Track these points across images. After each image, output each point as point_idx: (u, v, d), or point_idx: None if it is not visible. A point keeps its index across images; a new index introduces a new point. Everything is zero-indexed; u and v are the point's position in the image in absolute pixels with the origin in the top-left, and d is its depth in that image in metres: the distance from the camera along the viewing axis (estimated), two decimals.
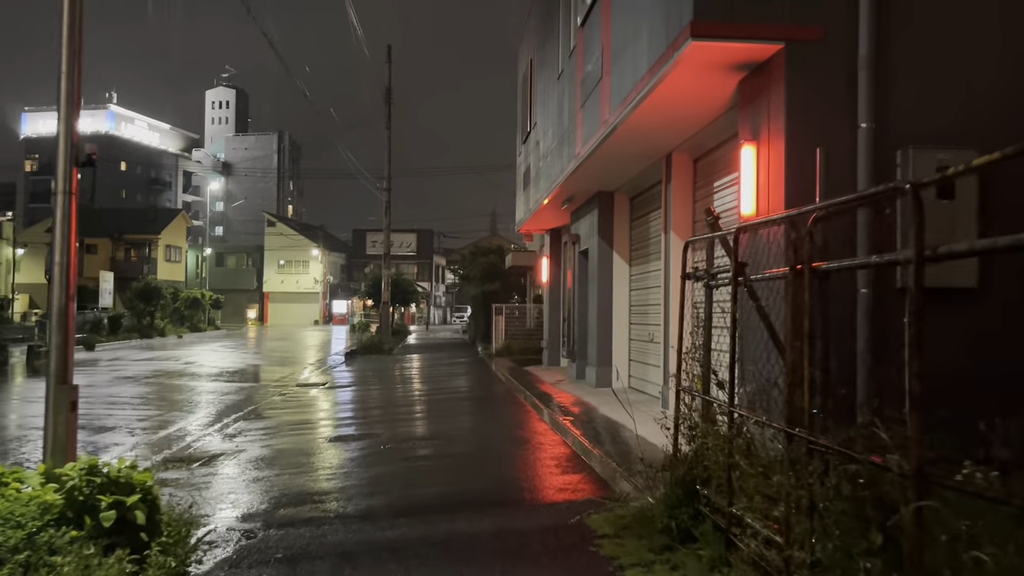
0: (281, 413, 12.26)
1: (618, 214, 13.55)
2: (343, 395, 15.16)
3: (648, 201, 12.54)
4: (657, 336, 11.60)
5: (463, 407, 13.20)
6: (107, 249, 54.03)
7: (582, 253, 15.29)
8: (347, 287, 69.55)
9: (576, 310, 15.43)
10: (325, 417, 12.02)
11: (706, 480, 4.81)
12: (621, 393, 12.16)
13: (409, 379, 18.79)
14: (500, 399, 13.83)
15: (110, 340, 32.34)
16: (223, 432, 10.36)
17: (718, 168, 9.42)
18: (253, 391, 15.70)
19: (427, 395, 15.12)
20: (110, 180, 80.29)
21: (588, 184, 13.05)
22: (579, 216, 15.33)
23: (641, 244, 12.97)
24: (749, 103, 6.94)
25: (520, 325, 26.20)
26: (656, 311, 11.80)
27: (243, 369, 21.38)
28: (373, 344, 28.51)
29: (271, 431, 10.48)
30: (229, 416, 11.81)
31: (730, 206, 8.88)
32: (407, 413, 12.40)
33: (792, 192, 6.09)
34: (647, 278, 12.50)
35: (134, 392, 15.35)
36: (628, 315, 13.50)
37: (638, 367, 12.94)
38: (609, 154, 10.45)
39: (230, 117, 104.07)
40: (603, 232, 13.54)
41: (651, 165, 11.10)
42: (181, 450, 9.18)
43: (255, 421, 11.37)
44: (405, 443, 9.28)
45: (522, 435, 9.65)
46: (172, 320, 42.37)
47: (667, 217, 10.41)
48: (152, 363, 23.21)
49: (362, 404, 13.85)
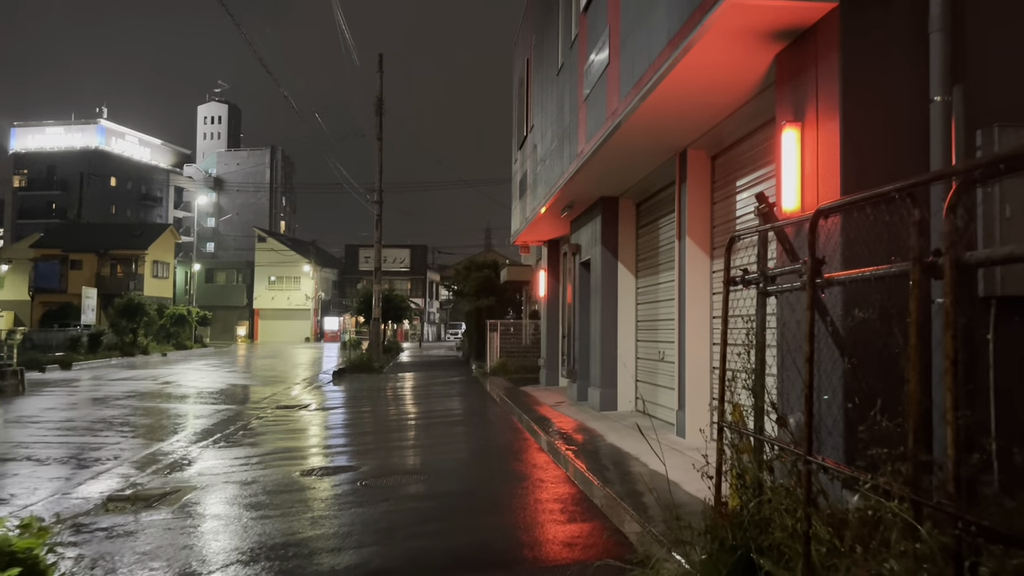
0: (255, 440, 11.07)
1: (623, 221, 12.45)
2: (325, 419, 13.96)
3: (657, 206, 11.44)
4: (670, 354, 10.46)
5: (454, 434, 12.02)
6: (92, 265, 52.80)
7: (583, 264, 14.17)
8: (339, 304, 68.26)
9: (577, 326, 14.30)
10: (302, 445, 10.83)
11: (766, 548, 3.66)
12: (625, 418, 10.99)
13: (398, 400, 17.59)
14: (495, 424, 12.66)
15: (88, 358, 31.03)
16: (185, 464, 9.18)
17: (740, 165, 8.33)
18: (230, 414, 14.50)
19: (416, 419, 13.93)
20: (100, 195, 79.16)
21: (590, 188, 11.96)
22: (580, 225, 14.23)
23: (649, 254, 11.86)
24: (791, 79, 5.84)
25: (516, 342, 25.04)
26: (668, 326, 10.67)
27: (223, 389, 20.15)
28: (362, 362, 27.32)
29: (240, 462, 9.29)
30: (197, 444, 10.63)
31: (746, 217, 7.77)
32: (393, 440, 11.22)
33: (850, 180, 4.98)
34: (656, 291, 11.38)
35: (98, 416, 14.13)
36: (635, 331, 12.37)
37: (647, 389, 11.80)
38: (616, 151, 9.36)
39: (222, 132, 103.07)
40: (607, 241, 12.43)
41: (662, 164, 10.01)
42: (130, 486, 8.00)
43: (224, 450, 10.18)
44: (388, 478, 8.10)
45: (520, 469, 8.47)
46: (157, 338, 41.06)
47: (682, 221, 9.30)
48: (127, 383, 21.96)
49: (345, 430, 12.66)
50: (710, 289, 9.02)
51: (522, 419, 12.22)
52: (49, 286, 51.65)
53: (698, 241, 9.05)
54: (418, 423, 13.24)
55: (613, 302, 12.37)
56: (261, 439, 11.16)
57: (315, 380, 23.65)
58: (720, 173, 8.91)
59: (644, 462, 7.89)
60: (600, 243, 12.49)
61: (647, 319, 11.93)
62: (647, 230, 12.02)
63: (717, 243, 8.92)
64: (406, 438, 11.47)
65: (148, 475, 8.52)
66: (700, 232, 9.06)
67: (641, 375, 12.14)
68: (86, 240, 54.14)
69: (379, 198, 32.64)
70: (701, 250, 9.05)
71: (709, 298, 9.01)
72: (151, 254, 55.11)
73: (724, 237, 8.64)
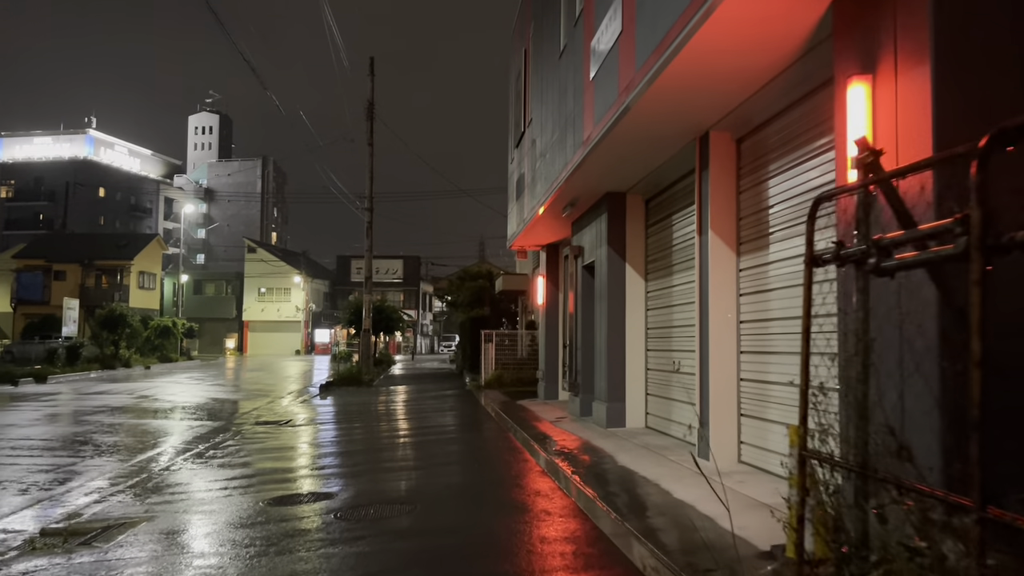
0: (228, 461, 9.92)
1: (631, 219, 11.38)
2: (308, 436, 12.81)
3: (670, 201, 10.37)
4: (687, 364, 9.37)
5: (447, 454, 10.88)
6: (76, 275, 51.48)
7: (586, 268, 13.09)
8: (330, 315, 66.98)
9: (580, 335, 13.19)
10: (278, 467, 9.67)
11: None
12: (636, 436, 9.84)
13: (388, 415, 16.43)
14: (492, 443, 11.52)
15: (66, 372, 29.78)
16: (141, 489, 8.04)
17: (773, 147, 7.27)
18: (205, 431, 13.35)
19: (406, 436, 12.78)
20: (88, 206, 77.85)
21: (596, 182, 10.89)
22: (582, 225, 13.16)
23: (661, 254, 10.78)
24: (855, 24, 4.78)
25: (511, 354, 23.90)
26: (684, 334, 9.58)
27: (203, 404, 18.97)
28: (352, 375, 26.14)
29: (204, 487, 8.15)
30: (161, 466, 9.49)
31: (800, 191, 6.71)
32: (380, 461, 10.07)
33: (946, 136, 3.91)
34: (670, 294, 10.30)
35: (60, 433, 12.96)
36: (644, 340, 11.27)
37: (659, 403, 10.69)
38: (628, 135, 8.29)
39: (213, 143, 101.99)
40: (613, 241, 11.35)
41: (679, 151, 8.95)
42: (70, 516, 6.88)
43: (190, 472, 9.03)
44: (370, 508, 6.97)
45: (521, 499, 7.33)
46: (142, 350, 39.80)
47: (703, 214, 8.22)
48: (101, 397, 20.75)
49: (328, 448, 11.50)
50: (736, 289, 7.94)
51: (521, 437, 11.09)
52: (32, 297, 50.31)
53: (723, 235, 7.97)
54: (408, 441, 12.10)
55: (620, 308, 11.28)
56: (234, 460, 10.01)
57: (303, 393, 22.49)
58: (748, 158, 7.85)
59: (666, 489, 6.78)
60: (606, 243, 11.40)
61: (659, 326, 10.84)
62: (658, 228, 10.95)
63: (745, 237, 7.84)
64: (394, 458, 10.32)
65: (96, 504, 7.38)
66: (725, 225, 7.98)
67: (652, 388, 11.03)
68: (71, 250, 52.81)
69: (370, 205, 31.56)
70: (726, 245, 7.97)
71: (736, 299, 7.93)
72: (137, 265, 53.81)
73: (753, 230, 7.58)
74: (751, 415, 7.65)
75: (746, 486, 6.68)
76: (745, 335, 7.80)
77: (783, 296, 6.95)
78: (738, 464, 7.76)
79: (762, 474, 7.22)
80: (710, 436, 7.85)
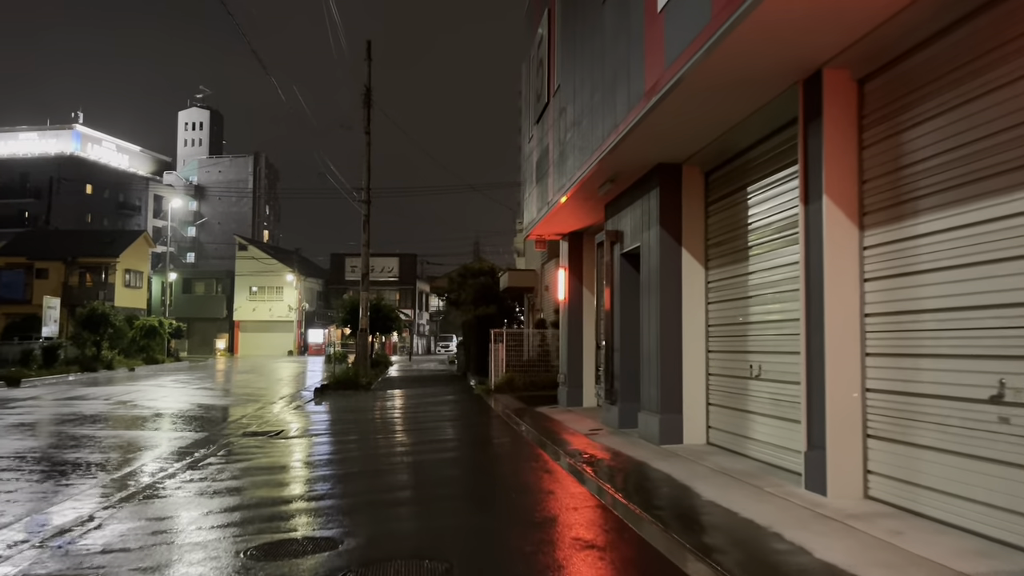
0: (202, 486, 8.06)
1: (688, 196, 9.56)
2: (301, 452, 10.96)
3: (742, 171, 8.57)
4: (770, 368, 7.56)
5: (472, 480, 9.04)
6: (59, 273, 49.41)
7: (626, 256, 11.27)
8: (324, 315, 64.98)
9: (618, 334, 11.37)
10: (265, 499, 7.78)
11: None
12: (703, 456, 7.93)
13: (390, 426, 14.57)
14: (523, 463, 9.68)
15: (42, 374, 27.82)
16: (82, 529, 6.20)
17: (924, 83, 5.47)
18: (184, 444, 11.51)
19: (415, 453, 10.94)
20: (74, 203, 75.70)
21: (646, 150, 9.08)
22: (621, 207, 11.33)
23: (727, 236, 8.98)
24: None
25: (517, 355, 22.03)
26: (767, 331, 7.77)
27: (185, 411, 17.09)
28: (348, 378, 24.28)
29: (163, 528, 6.30)
30: (119, 493, 7.65)
31: (981, 133, 4.91)
32: (388, 491, 8.23)
33: None
34: (742, 283, 8.49)
35: (13, 448, 11.10)
36: (704, 339, 9.45)
37: (726, 416, 8.87)
38: (713, 76, 6.47)
39: (204, 139, 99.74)
40: (667, 222, 9.53)
41: (765, 106, 7.15)
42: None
43: (158, 505, 7.18)
44: (387, 568, 5.15)
45: (600, 562, 5.46)
46: (128, 351, 37.80)
47: (811, 178, 6.41)
48: (75, 403, 18.85)
49: (324, 470, 9.64)
50: (859, 273, 6.13)
51: (556, 456, 9.27)
52: (13, 296, 48.19)
53: (841, 203, 6.16)
54: (421, 460, 10.25)
55: (675, 301, 9.46)
56: (214, 485, 8.15)
57: (296, 398, 20.62)
58: (876, 102, 6.04)
59: (797, 544, 4.95)
60: (657, 225, 9.58)
61: (724, 322, 9.03)
62: (722, 205, 9.14)
63: (873, 205, 6.03)
64: (407, 485, 8.47)
65: (15, 553, 5.53)
66: (843, 191, 6.17)
67: (716, 397, 9.21)
68: (54, 248, 50.73)
69: (367, 197, 29.71)
70: (846, 217, 6.16)
71: (859, 286, 6.12)
72: (123, 262, 51.69)
73: (886, 195, 5.78)
74: (885, 436, 5.84)
75: (907, 539, 4.87)
76: (874, 332, 5.99)
77: (950, 279, 5.15)
78: (866, 500, 5.95)
79: (912, 517, 5.41)
80: (827, 463, 6.03)
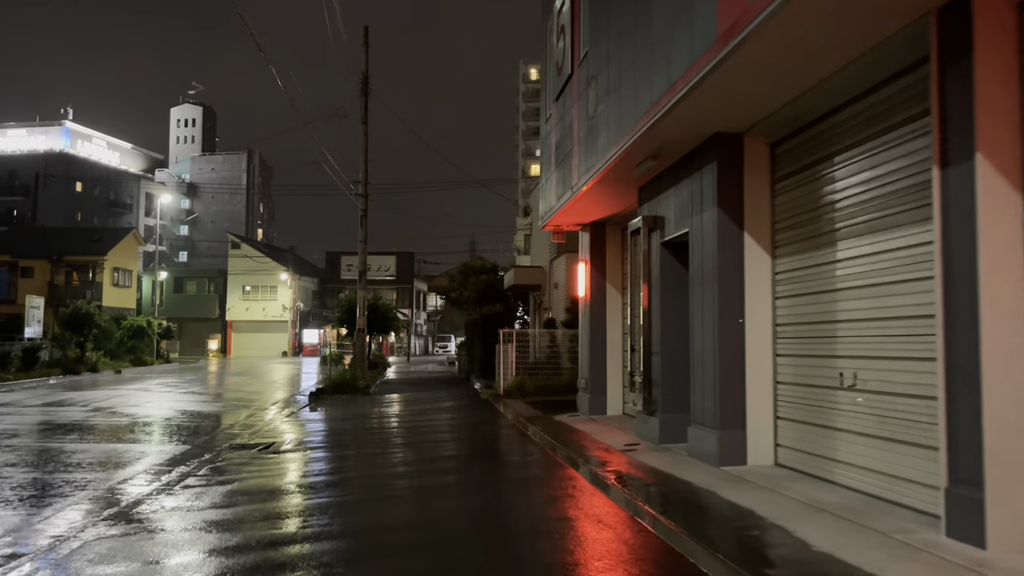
0: (175, 520, 6.59)
1: (751, 171, 8.10)
2: (294, 472, 9.48)
3: (825, 139, 7.11)
4: (869, 378, 6.10)
5: (495, 517, 7.58)
6: (45, 272, 47.80)
7: (667, 245, 9.81)
8: (319, 315, 63.39)
9: (658, 335, 9.91)
10: (250, 542, 6.29)
11: None
12: (781, 483, 6.35)
13: (394, 437, 13.08)
14: (553, 488, 8.21)
15: (20, 377, 26.23)
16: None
17: None
18: (161, 461, 10.04)
19: (428, 473, 9.46)
20: (64, 201, 73.94)
21: (706, 115, 7.62)
22: (663, 187, 9.87)
23: (801, 217, 7.52)
24: None
25: (526, 357, 20.51)
26: (864, 331, 6.31)
27: (170, 419, 15.60)
28: (345, 381, 22.78)
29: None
30: (63, 536, 6.14)
31: None
32: (393, 530, 6.76)
33: None
34: (827, 274, 7.03)
35: None
36: (772, 341, 7.99)
37: (803, 433, 7.41)
38: (822, 3, 5.02)
39: (196, 136, 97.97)
40: (725, 202, 8.06)
41: (873, 51, 5.69)
42: None
43: (109, 545, 5.69)
44: None
45: None
46: (114, 353, 36.20)
47: (948, 133, 4.96)
48: (50, 411, 17.33)
49: (321, 497, 8.14)
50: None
51: (595, 479, 7.81)
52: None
53: (999, 163, 4.71)
54: (431, 485, 8.77)
55: (736, 295, 8.00)
56: (189, 521, 6.66)
57: (289, 403, 19.14)
58: None
59: None
60: (714, 206, 8.12)
61: (798, 320, 7.58)
62: (794, 182, 7.69)
63: None
64: (416, 522, 6.97)
65: None
66: (1001, 146, 4.72)
67: (787, 410, 7.75)
68: (39, 245, 49.09)
69: (364, 190, 28.20)
70: (1005, 181, 4.71)
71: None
72: (111, 260, 50.04)
73: None
74: None
75: None
76: None
77: None
78: None
79: None
80: (985, 506, 4.58)
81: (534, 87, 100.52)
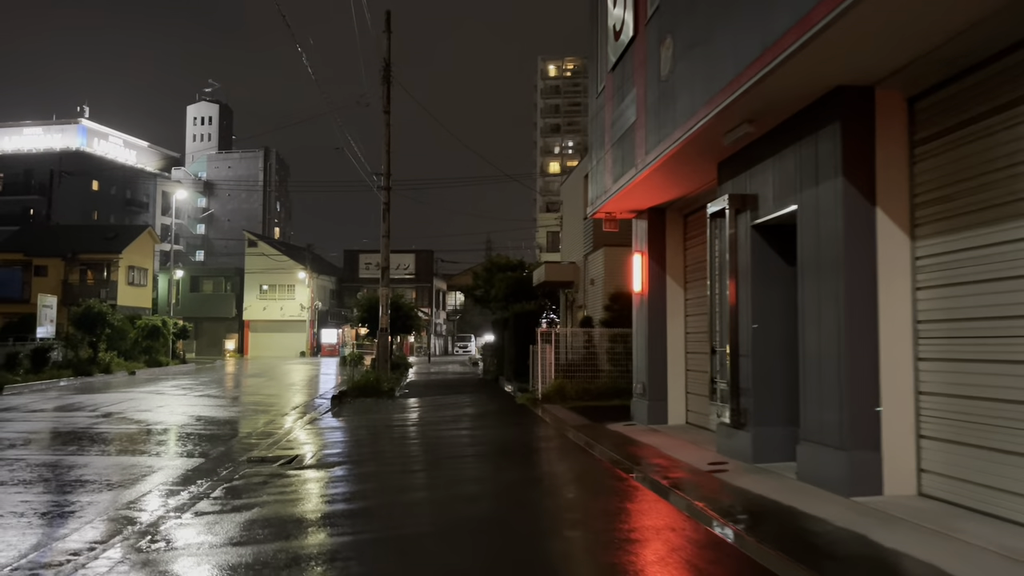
0: (182, 560, 5.19)
1: (885, 133, 6.61)
2: (315, 496, 8.06)
3: (991, 89, 5.61)
4: None
5: (588, 565, 6.14)
6: (59, 271, 46.81)
7: (759, 229, 8.33)
8: (338, 314, 62.18)
9: (748, 334, 8.42)
10: None
11: None
12: (953, 525, 4.80)
13: (430, 452, 11.62)
14: (648, 530, 6.75)
15: (29, 379, 25.06)
16: None
17: None
18: (168, 481, 8.70)
19: (472, 501, 8.03)
20: (80, 199, 73.14)
21: (831, 62, 6.13)
22: (758, 157, 8.36)
23: (955, 189, 6.03)
24: None
25: (569, 358, 19.03)
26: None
27: (182, 426, 14.31)
28: (369, 383, 21.41)
29: None
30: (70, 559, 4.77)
31: None
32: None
33: None
34: (997, 258, 5.54)
35: None
36: (912, 342, 6.49)
37: (962, 458, 5.90)
38: None
39: (213, 134, 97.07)
40: (853, 171, 6.57)
41: None
42: None
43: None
44: None
45: None
46: (128, 353, 35.06)
47: None
48: (56, 416, 16.10)
49: (348, 533, 6.69)
50: None
51: (694, 512, 6.34)
52: (9, 295, 45.54)
53: None
54: (484, 520, 7.34)
55: (867, 286, 6.51)
56: (195, 560, 5.26)
57: (310, 408, 17.80)
58: None
59: None
60: (837, 176, 6.63)
61: (949, 316, 6.08)
62: (943, 145, 6.19)
63: None
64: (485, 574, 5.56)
65: None
66: None
67: (935, 427, 6.25)
68: (53, 244, 48.11)
69: (386, 183, 26.84)
70: None
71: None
72: (126, 259, 48.99)
73: None
74: None
75: None
76: None
77: None
78: None
79: None
80: None
81: (552, 83, 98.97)
